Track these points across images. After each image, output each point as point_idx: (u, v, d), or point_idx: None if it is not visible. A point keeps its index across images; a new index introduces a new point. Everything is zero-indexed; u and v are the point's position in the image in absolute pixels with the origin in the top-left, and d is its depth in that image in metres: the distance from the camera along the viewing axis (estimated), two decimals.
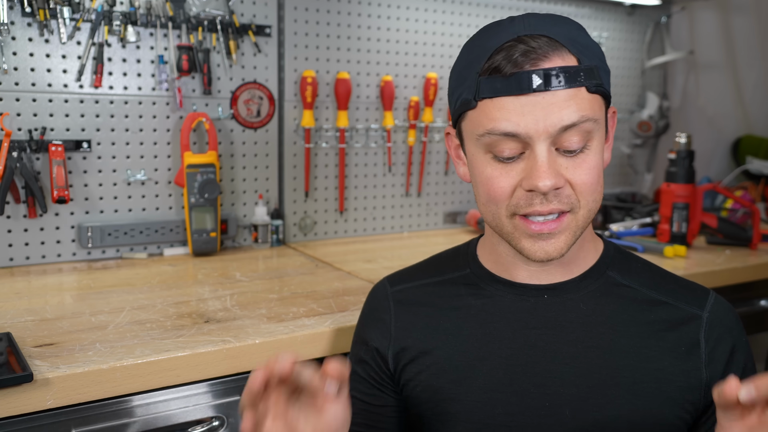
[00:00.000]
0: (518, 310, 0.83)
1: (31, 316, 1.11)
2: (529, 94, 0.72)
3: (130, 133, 1.57)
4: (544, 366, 0.79)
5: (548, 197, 0.75)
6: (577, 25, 0.78)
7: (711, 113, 2.63)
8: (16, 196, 1.45)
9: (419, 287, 0.90)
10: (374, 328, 0.90)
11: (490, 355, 0.82)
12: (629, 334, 0.80)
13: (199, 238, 1.59)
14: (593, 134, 0.75)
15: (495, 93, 0.73)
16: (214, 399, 1.02)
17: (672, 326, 0.80)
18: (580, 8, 2.24)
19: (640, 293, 0.83)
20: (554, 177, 0.73)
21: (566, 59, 0.73)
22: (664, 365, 0.78)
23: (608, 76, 0.79)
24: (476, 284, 0.87)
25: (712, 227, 1.78)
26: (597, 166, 0.76)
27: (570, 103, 0.72)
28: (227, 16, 1.63)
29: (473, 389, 0.81)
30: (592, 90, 0.74)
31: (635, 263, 0.87)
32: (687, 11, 2.49)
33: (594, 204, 0.77)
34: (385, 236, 1.94)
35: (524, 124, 0.72)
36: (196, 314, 1.15)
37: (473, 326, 0.84)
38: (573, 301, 0.82)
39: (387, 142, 1.91)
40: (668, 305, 0.81)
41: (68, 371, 0.89)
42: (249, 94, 1.70)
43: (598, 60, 0.76)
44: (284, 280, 1.40)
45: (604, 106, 0.77)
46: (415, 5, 1.93)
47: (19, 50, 1.43)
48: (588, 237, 0.85)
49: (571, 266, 0.83)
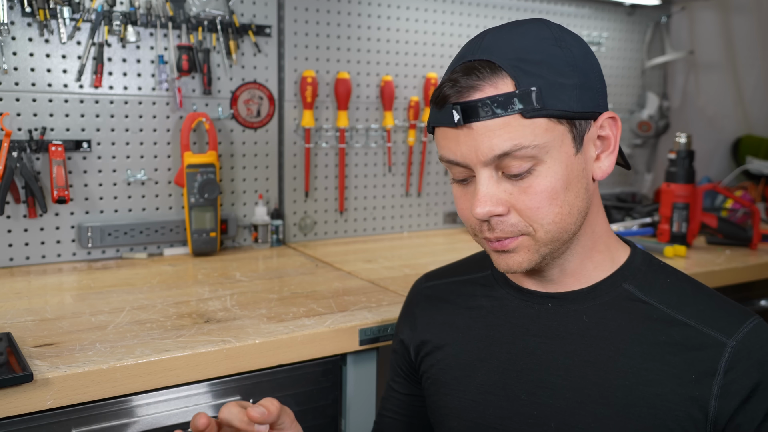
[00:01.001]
0: (522, 315, 0.83)
1: (31, 316, 1.11)
2: (456, 128, 0.73)
3: (130, 133, 1.57)
4: (538, 375, 0.79)
5: (492, 225, 0.75)
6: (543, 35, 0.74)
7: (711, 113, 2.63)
8: (16, 196, 1.45)
9: (447, 285, 0.93)
10: (405, 321, 0.96)
11: (490, 357, 0.83)
12: (631, 353, 0.75)
13: (199, 238, 1.59)
14: (540, 156, 0.72)
15: (436, 123, 0.75)
16: (214, 399, 1.02)
17: (686, 351, 0.74)
18: (580, 8, 2.24)
19: (657, 311, 0.77)
20: (491, 204, 0.73)
21: (500, 86, 0.71)
22: (665, 391, 0.73)
23: (576, 91, 0.73)
24: (491, 286, 0.88)
25: (712, 227, 1.78)
26: (547, 189, 0.73)
27: (501, 132, 0.71)
28: (227, 16, 1.63)
29: (470, 388, 0.83)
30: (528, 116, 0.71)
31: (664, 278, 0.80)
32: (687, 11, 2.49)
33: (552, 225, 0.74)
34: (385, 236, 1.94)
35: (461, 153, 0.74)
36: (196, 314, 1.15)
37: (481, 327, 0.86)
38: (576, 313, 0.80)
39: (387, 142, 1.91)
40: (688, 327, 0.75)
41: (68, 371, 0.89)
42: (249, 94, 1.70)
43: (551, 77, 0.72)
44: (284, 280, 1.40)
45: (559, 126, 0.72)
46: (415, 5, 1.93)
47: (19, 50, 1.43)
48: (600, 247, 0.81)
49: (578, 276, 0.81)
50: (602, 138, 0.78)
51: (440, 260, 1.60)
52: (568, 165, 0.74)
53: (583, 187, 0.76)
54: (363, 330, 1.13)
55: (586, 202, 0.77)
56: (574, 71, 0.73)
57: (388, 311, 1.18)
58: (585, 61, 0.75)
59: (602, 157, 0.79)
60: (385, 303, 1.24)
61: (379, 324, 1.14)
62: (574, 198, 0.76)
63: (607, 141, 0.79)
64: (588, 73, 0.75)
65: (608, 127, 0.78)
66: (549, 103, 0.71)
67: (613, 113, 0.79)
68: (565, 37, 0.75)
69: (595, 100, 0.76)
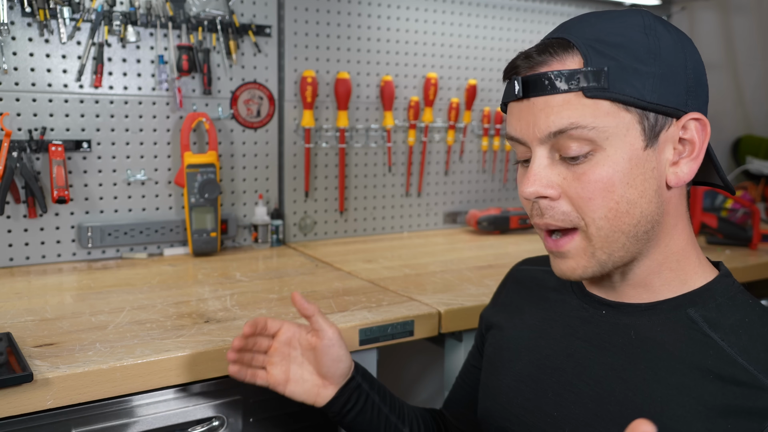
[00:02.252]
0: (576, 317, 0.82)
1: (31, 316, 1.11)
2: (520, 100, 0.72)
3: (130, 133, 1.57)
4: (569, 377, 0.78)
5: (541, 210, 0.72)
6: (632, 22, 0.70)
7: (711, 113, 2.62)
8: (16, 196, 1.45)
9: (534, 272, 0.94)
10: (494, 297, 1.00)
11: (535, 349, 0.84)
12: (668, 383, 0.69)
13: (199, 238, 1.59)
14: (599, 142, 0.68)
15: (505, 98, 0.75)
16: (214, 399, 1.02)
17: (731, 396, 0.66)
18: (580, 8, 2.24)
19: (717, 348, 0.69)
20: (539, 185, 0.70)
21: (567, 63, 0.69)
22: (691, 431, 0.66)
23: (652, 80, 0.68)
24: (564, 282, 0.87)
25: (712, 227, 1.78)
26: (601, 179, 0.69)
27: (559, 109, 0.69)
28: (227, 16, 1.63)
29: (509, 373, 0.85)
30: (590, 95, 0.68)
31: (743, 315, 0.72)
32: (687, 11, 2.49)
33: (605, 222, 0.70)
34: (385, 236, 1.94)
35: (519, 128, 0.73)
36: (196, 314, 1.15)
37: (538, 318, 0.86)
38: (626, 327, 0.75)
39: (387, 142, 1.91)
40: (746, 372, 0.66)
41: (68, 371, 0.89)
42: (249, 94, 1.70)
43: (625, 61, 0.68)
44: (284, 280, 1.40)
45: (625, 113, 0.68)
46: (415, 5, 1.93)
47: (19, 50, 1.43)
48: (671, 265, 0.75)
49: (641, 289, 0.76)
50: (684, 141, 0.72)
51: (440, 260, 1.60)
52: (633, 158, 0.69)
53: (652, 189, 0.70)
54: (363, 330, 1.13)
55: (655, 207, 0.71)
56: (656, 60, 0.69)
57: (388, 311, 1.18)
58: (674, 54, 0.70)
59: (681, 163, 0.72)
60: (385, 303, 1.24)
61: (379, 324, 1.14)
62: (638, 197, 0.70)
63: (691, 145, 0.72)
64: (674, 65, 0.70)
65: (693, 129, 0.72)
66: (616, 86, 0.68)
67: (701, 115, 0.72)
68: (657, 27, 0.71)
69: (680, 97, 0.70)
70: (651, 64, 0.69)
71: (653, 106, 0.69)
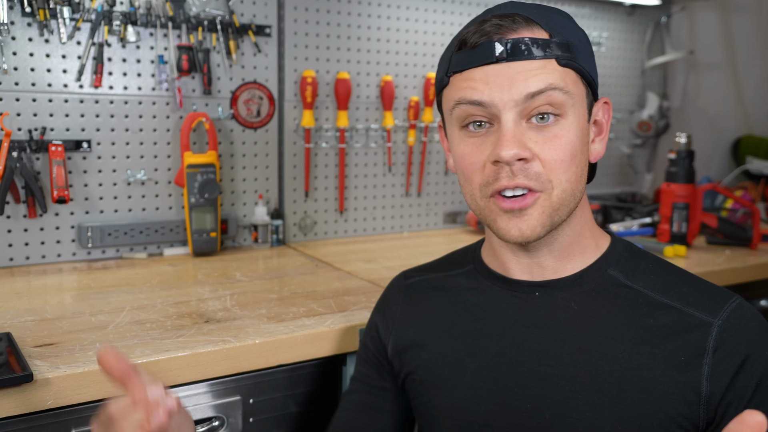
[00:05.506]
0: (509, 306, 0.81)
1: (31, 316, 1.11)
2: (494, 63, 0.73)
3: (130, 133, 1.57)
4: (529, 366, 0.78)
5: (514, 170, 0.73)
6: (561, 12, 0.79)
7: (711, 113, 2.63)
8: (16, 196, 1.45)
9: (428, 280, 0.92)
10: (381, 317, 0.95)
11: (479, 352, 0.81)
12: (621, 339, 0.75)
13: (199, 238, 1.59)
14: (566, 108, 0.73)
15: (463, 66, 0.75)
16: (214, 399, 1.02)
17: (674, 333, 0.74)
18: (580, 8, 2.24)
19: (643, 295, 0.77)
20: (518, 147, 0.72)
21: (536, 33, 0.74)
22: (656, 374, 0.72)
23: (592, 62, 0.78)
24: (475, 278, 0.87)
25: (712, 227, 1.78)
26: (570, 143, 0.73)
27: (536, 72, 0.72)
28: (227, 16, 1.63)
29: (461, 385, 0.82)
30: (563, 63, 0.73)
31: (645, 263, 0.81)
32: (687, 11, 2.49)
33: (568, 185, 0.74)
34: (385, 236, 1.94)
35: (489, 92, 0.73)
36: (196, 314, 1.15)
37: (467, 321, 0.84)
38: (564, 300, 0.79)
39: (387, 142, 1.91)
40: (675, 310, 0.75)
41: (68, 371, 0.89)
42: (249, 94, 1.70)
43: (577, 42, 0.76)
44: (284, 280, 1.40)
45: (581, 84, 0.76)
46: (415, 5, 1.93)
47: (19, 50, 1.43)
48: (587, 233, 0.81)
49: (565, 262, 0.80)
50: (597, 122, 0.81)
51: None
52: (583, 129, 0.76)
53: (586, 160, 0.78)
54: (363, 330, 1.13)
55: (585, 179, 0.78)
56: (590, 46, 0.78)
57: None
58: (590, 43, 0.80)
59: (596, 141, 0.81)
60: None
61: None
62: (583, 167, 0.77)
63: (600, 126, 0.81)
64: (593, 53, 0.79)
65: (602, 111, 0.81)
66: (579, 58, 0.75)
67: (608, 99, 0.82)
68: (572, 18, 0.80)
69: (597, 81, 0.78)
70: (590, 49, 0.78)
71: (594, 87, 0.78)
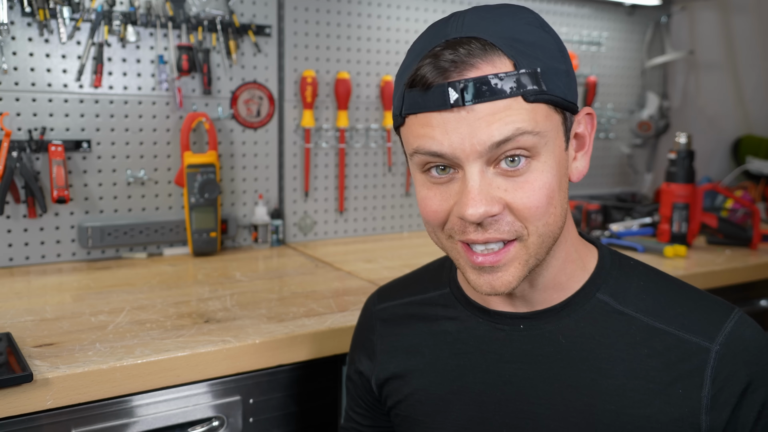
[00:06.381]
0: (492, 340, 0.75)
1: (31, 316, 1.11)
2: (450, 110, 0.63)
3: (130, 133, 1.57)
4: (517, 405, 0.73)
5: (484, 225, 0.65)
6: (528, 19, 0.67)
7: (711, 113, 2.63)
8: (16, 196, 1.45)
9: (404, 306, 0.85)
10: (362, 349, 0.89)
11: (464, 390, 0.76)
12: (614, 373, 0.69)
13: (199, 238, 1.59)
14: (538, 149, 0.64)
15: (417, 108, 0.65)
16: (214, 399, 1.02)
17: (670, 364, 0.68)
18: (580, 8, 2.24)
19: (636, 322, 0.70)
20: (486, 204, 0.63)
21: (498, 65, 0.63)
22: (653, 412, 0.67)
23: (566, 78, 0.67)
24: (453, 306, 0.80)
25: (712, 227, 1.78)
26: (545, 186, 0.65)
27: (501, 116, 0.62)
28: (227, 16, 1.63)
29: (446, 425, 0.77)
30: (531, 99, 0.63)
31: (637, 280, 0.74)
32: (687, 11, 2.49)
33: (545, 228, 0.66)
34: (385, 236, 1.94)
35: (449, 143, 0.63)
36: (196, 314, 1.15)
37: (448, 356, 0.78)
38: (551, 333, 0.72)
39: (387, 142, 1.91)
40: (670, 335, 0.69)
41: (68, 371, 0.89)
42: (249, 94, 1.70)
43: (547, 61, 0.65)
44: (284, 280, 1.40)
45: (555, 113, 0.66)
46: (415, 5, 1.93)
47: (18, 50, 1.43)
48: (573, 255, 0.74)
49: (551, 293, 0.73)
50: (578, 136, 0.72)
51: None
52: (560, 161, 0.67)
53: (565, 192, 0.69)
54: None
55: (566, 210, 0.70)
56: (563, 57, 0.67)
57: None
58: (564, 48, 0.69)
59: (578, 157, 0.72)
60: None
61: None
62: (563, 198, 0.69)
63: (582, 139, 0.72)
64: (569, 60, 0.69)
65: (584, 123, 0.72)
66: (549, 87, 0.64)
67: (591, 109, 0.72)
68: (545, 22, 0.69)
69: (577, 92, 0.69)
70: (561, 62, 0.67)
71: (571, 106, 0.68)
